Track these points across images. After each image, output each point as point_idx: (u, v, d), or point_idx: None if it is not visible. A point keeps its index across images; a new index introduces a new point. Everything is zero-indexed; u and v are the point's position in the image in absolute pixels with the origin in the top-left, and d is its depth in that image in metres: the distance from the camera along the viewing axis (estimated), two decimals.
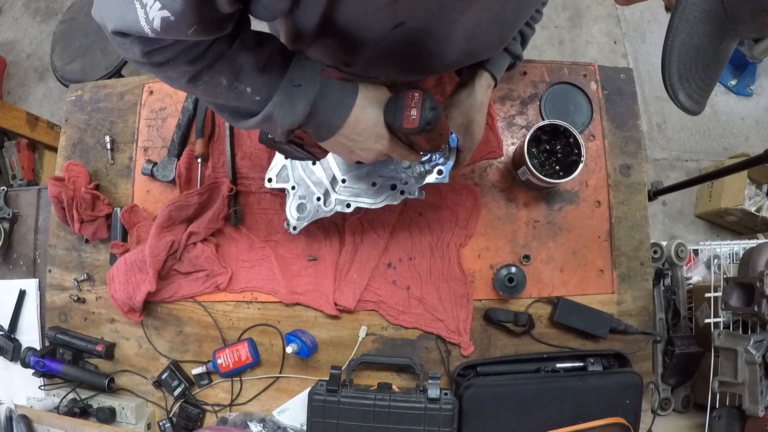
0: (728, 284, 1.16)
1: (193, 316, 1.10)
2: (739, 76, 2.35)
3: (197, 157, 1.11)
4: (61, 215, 1.13)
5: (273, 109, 0.64)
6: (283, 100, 0.64)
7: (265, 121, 0.66)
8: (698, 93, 0.51)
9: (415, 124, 0.66)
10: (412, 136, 0.71)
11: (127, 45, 0.57)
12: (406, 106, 0.67)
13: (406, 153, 0.77)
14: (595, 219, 1.09)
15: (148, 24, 0.51)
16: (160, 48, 0.57)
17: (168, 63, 0.59)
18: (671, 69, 0.48)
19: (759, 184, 2.11)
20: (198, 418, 1.07)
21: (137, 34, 0.54)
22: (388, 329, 1.07)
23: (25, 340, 1.19)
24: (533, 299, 1.06)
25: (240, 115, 0.68)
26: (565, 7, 2.49)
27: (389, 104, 0.70)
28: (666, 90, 0.50)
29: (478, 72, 0.87)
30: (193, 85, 0.62)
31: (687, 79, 0.49)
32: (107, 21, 0.54)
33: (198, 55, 0.60)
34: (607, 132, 1.12)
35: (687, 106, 0.51)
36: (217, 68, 0.61)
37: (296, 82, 0.64)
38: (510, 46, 0.88)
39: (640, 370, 1.00)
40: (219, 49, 0.61)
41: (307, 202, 1.00)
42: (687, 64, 0.49)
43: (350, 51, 0.72)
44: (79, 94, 1.23)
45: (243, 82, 0.63)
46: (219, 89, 0.63)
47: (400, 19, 0.63)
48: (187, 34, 0.54)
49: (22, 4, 2.71)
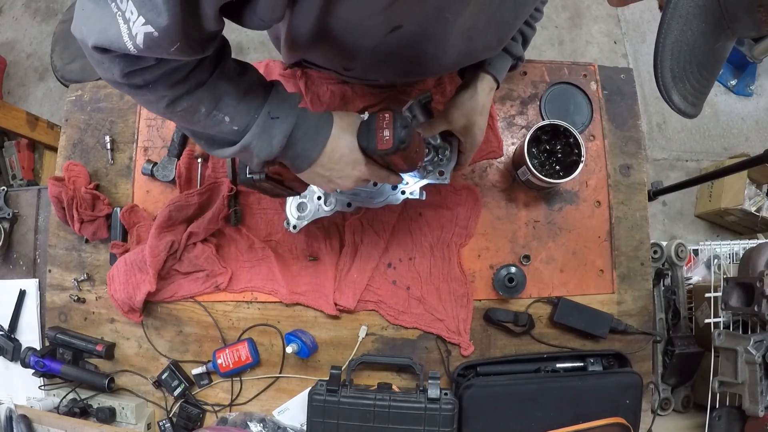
0: (728, 284, 1.16)
1: (193, 316, 1.10)
2: (739, 76, 2.35)
3: (197, 157, 1.11)
4: (61, 215, 1.13)
5: (250, 140, 0.64)
6: (261, 132, 0.64)
7: (243, 151, 0.66)
8: (693, 94, 0.49)
9: (390, 145, 0.67)
10: (387, 157, 0.71)
11: (107, 64, 0.55)
12: (378, 127, 0.68)
13: (385, 175, 0.77)
14: (595, 219, 1.09)
15: (131, 39, 0.50)
16: (140, 69, 0.56)
17: (147, 86, 0.58)
18: (664, 68, 0.47)
19: (759, 184, 2.11)
20: (198, 418, 1.06)
21: (119, 51, 0.52)
22: (388, 329, 1.07)
23: (25, 340, 1.19)
24: (533, 299, 1.06)
25: (216, 144, 0.68)
26: (565, 7, 2.49)
27: (362, 128, 0.71)
28: (659, 91, 0.47)
29: (480, 74, 0.87)
30: (171, 110, 0.62)
31: (681, 79, 0.47)
32: (87, 36, 0.52)
33: (179, 80, 0.59)
34: (607, 132, 1.12)
35: (681, 107, 0.49)
36: (197, 95, 0.61)
37: (274, 114, 0.65)
38: (511, 47, 0.87)
39: (640, 370, 1.00)
40: (200, 76, 0.60)
41: (308, 201, 1.00)
42: (681, 63, 0.47)
43: (348, 55, 0.72)
44: (79, 94, 1.23)
45: (222, 111, 0.63)
46: (197, 116, 0.63)
47: (395, 23, 0.63)
48: (170, 52, 0.52)
49: (22, 4, 2.71)
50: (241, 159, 0.70)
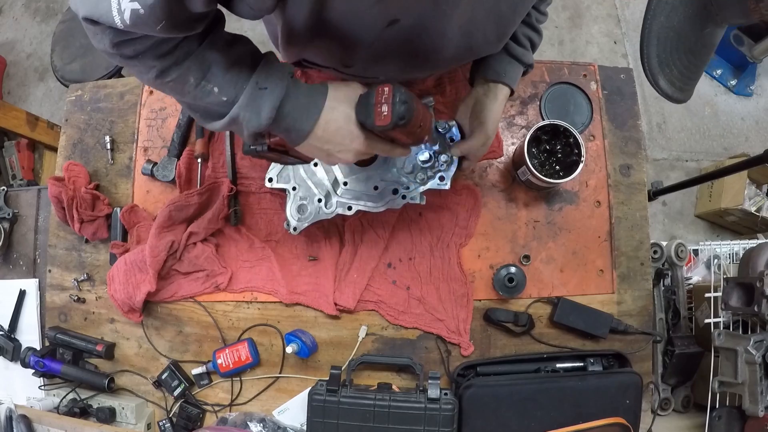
0: (728, 284, 1.16)
1: (193, 316, 1.10)
2: (739, 76, 2.35)
3: (197, 157, 1.11)
4: (61, 215, 1.13)
5: (238, 111, 0.64)
6: (249, 103, 0.64)
7: (232, 123, 0.65)
8: (681, 80, 0.49)
9: (387, 121, 0.64)
10: (387, 133, 0.68)
11: (99, 35, 0.58)
12: (376, 102, 0.65)
13: (390, 148, 0.74)
14: (595, 219, 1.09)
15: (119, 15, 0.52)
16: (129, 40, 0.58)
17: (137, 57, 0.60)
18: (650, 52, 0.47)
19: (759, 184, 2.11)
20: (198, 418, 1.07)
21: (107, 24, 0.54)
22: (388, 329, 1.07)
23: (25, 340, 1.19)
24: (533, 299, 1.06)
25: (210, 116, 0.68)
26: (565, 7, 2.49)
27: (360, 102, 0.68)
28: (645, 75, 0.48)
29: (498, 87, 0.88)
30: (161, 81, 0.62)
31: (668, 64, 0.47)
32: (80, 7, 0.55)
33: (166, 51, 0.60)
34: (607, 132, 1.12)
35: (669, 92, 0.49)
36: (185, 65, 0.61)
37: (262, 85, 0.64)
38: (523, 56, 0.87)
39: (640, 370, 1.00)
40: (188, 47, 0.61)
41: (308, 204, 1.00)
42: (667, 48, 0.47)
43: (347, 51, 0.72)
44: (79, 94, 1.23)
45: (211, 82, 0.63)
46: (187, 87, 0.63)
47: (393, 16, 0.63)
48: (155, 30, 0.54)
49: (22, 4, 2.71)
50: (234, 131, 0.70)
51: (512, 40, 0.85)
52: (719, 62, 2.36)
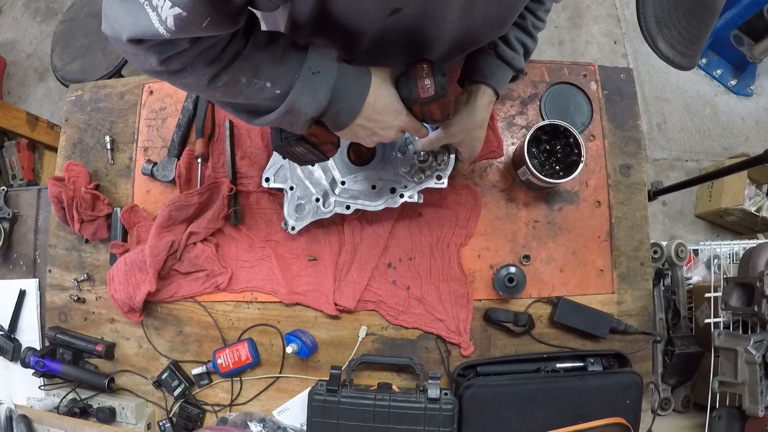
0: (728, 284, 1.16)
1: (193, 316, 1.10)
2: (739, 76, 2.35)
3: (197, 157, 1.11)
4: (61, 215, 1.13)
5: (296, 97, 0.65)
6: (304, 88, 0.65)
7: (288, 113, 0.66)
8: (682, 42, 0.47)
9: (431, 92, 0.71)
10: (426, 106, 0.74)
11: (142, 55, 0.57)
12: (418, 77, 0.71)
13: (418, 127, 0.80)
14: (595, 219, 1.09)
15: (162, 24, 0.52)
16: (177, 54, 0.57)
17: (186, 69, 0.60)
18: (646, 12, 0.46)
19: (759, 184, 2.11)
20: (198, 418, 1.07)
21: (153, 38, 0.54)
22: (388, 329, 1.07)
23: (25, 340, 1.19)
24: (533, 299, 1.06)
25: (258, 113, 0.69)
26: (565, 7, 2.49)
27: (401, 79, 0.73)
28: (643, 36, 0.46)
29: (481, 87, 0.87)
30: (212, 87, 0.63)
31: (666, 25, 0.46)
32: (120, 31, 0.54)
33: (215, 57, 0.60)
34: (607, 132, 1.12)
35: (669, 56, 0.47)
36: (235, 67, 0.62)
37: (315, 69, 0.66)
38: (513, 60, 0.86)
39: (640, 370, 1.00)
40: (235, 48, 0.62)
41: (306, 203, 1.00)
42: (665, 8, 0.46)
43: (349, 43, 0.73)
44: (79, 94, 1.23)
45: (262, 78, 0.64)
46: (239, 88, 0.64)
47: (395, 5, 0.63)
48: (202, 28, 0.54)
49: (22, 4, 2.71)
50: (284, 125, 0.71)
51: (504, 44, 0.85)
52: (719, 62, 2.36)
